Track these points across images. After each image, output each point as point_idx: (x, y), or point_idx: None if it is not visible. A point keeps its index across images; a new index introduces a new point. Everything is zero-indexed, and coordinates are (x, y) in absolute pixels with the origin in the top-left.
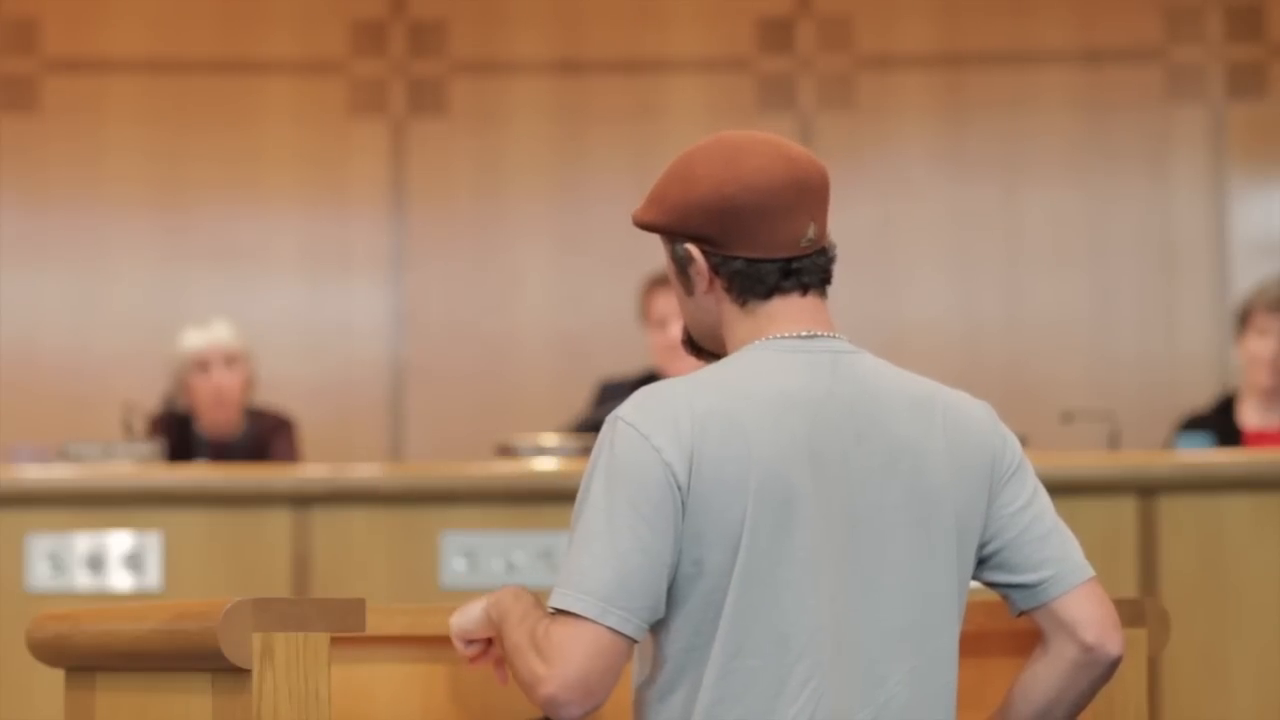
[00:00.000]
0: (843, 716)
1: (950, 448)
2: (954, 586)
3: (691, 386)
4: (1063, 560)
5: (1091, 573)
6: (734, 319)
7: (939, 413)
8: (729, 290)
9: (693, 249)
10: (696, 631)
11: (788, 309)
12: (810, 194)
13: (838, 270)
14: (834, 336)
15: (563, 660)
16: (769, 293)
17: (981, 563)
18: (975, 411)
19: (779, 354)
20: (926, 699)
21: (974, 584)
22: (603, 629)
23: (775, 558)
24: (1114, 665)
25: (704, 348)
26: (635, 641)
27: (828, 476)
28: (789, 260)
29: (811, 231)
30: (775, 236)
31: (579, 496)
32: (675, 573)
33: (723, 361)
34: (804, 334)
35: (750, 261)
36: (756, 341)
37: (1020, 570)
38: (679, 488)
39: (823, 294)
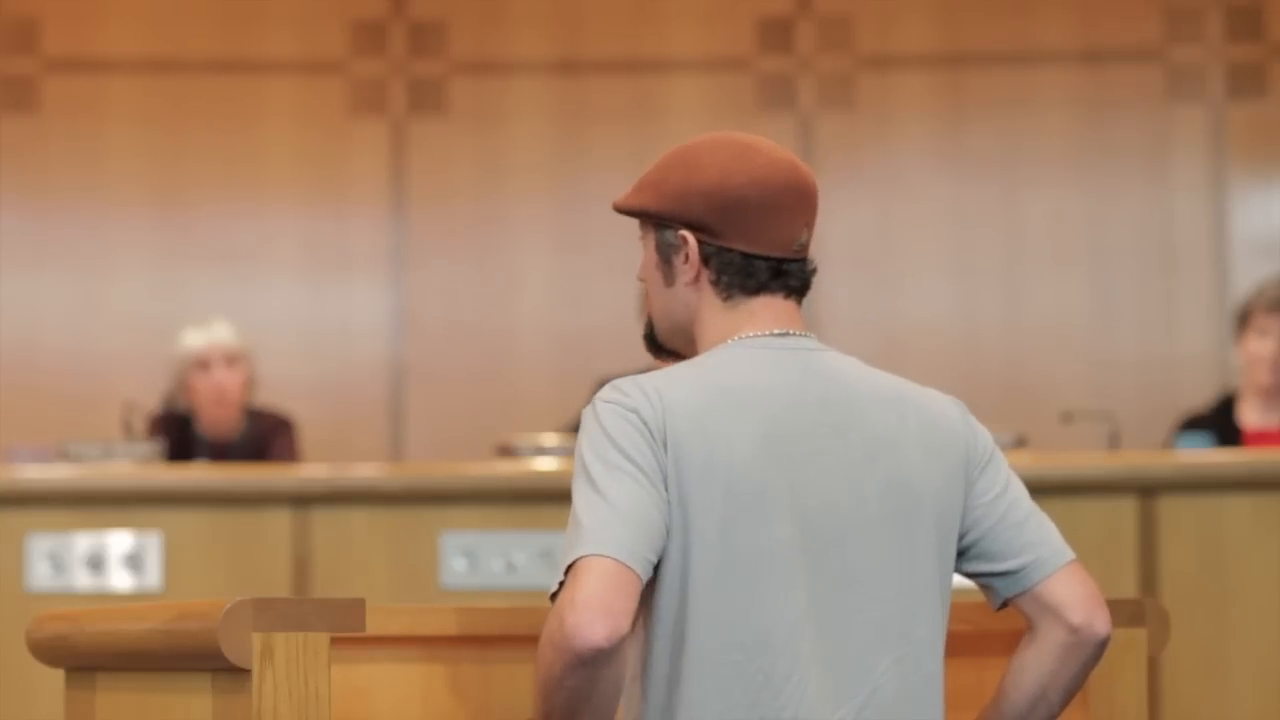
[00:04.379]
0: (829, 708)
1: (923, 442)
2: (935, 577)
3: (663, 379)
4: (1042, 544)
5: (1072, 555)
6: (711, 314)
7: (910, 408)
8: (715, 283)
9: (688, 236)
10: (677, 624)
11: (768, 308)
12: (807, 201)
13: (838, 270)
14: (804, 335)
15: (573, 589)
16: (757, 289)
17: (961, 554)
18: (945, 407)
19: (751, 350)
20: (913, 689)
21: (969, 584)
22: (607, 559)
23: (751, 552)
24: (1103, 645)
25: (666, 346)
26: (640, 578)
27: (803, 470)
28: (781, 261)
29: (804, 237)
30: (772, 235)
31: (574, 477)
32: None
33: (695, 358)
34: (776, 332)
35: (745, 256)
36: (729, 340)
37: (1001, 558)
38: (662, 458)
39: (800, 301)
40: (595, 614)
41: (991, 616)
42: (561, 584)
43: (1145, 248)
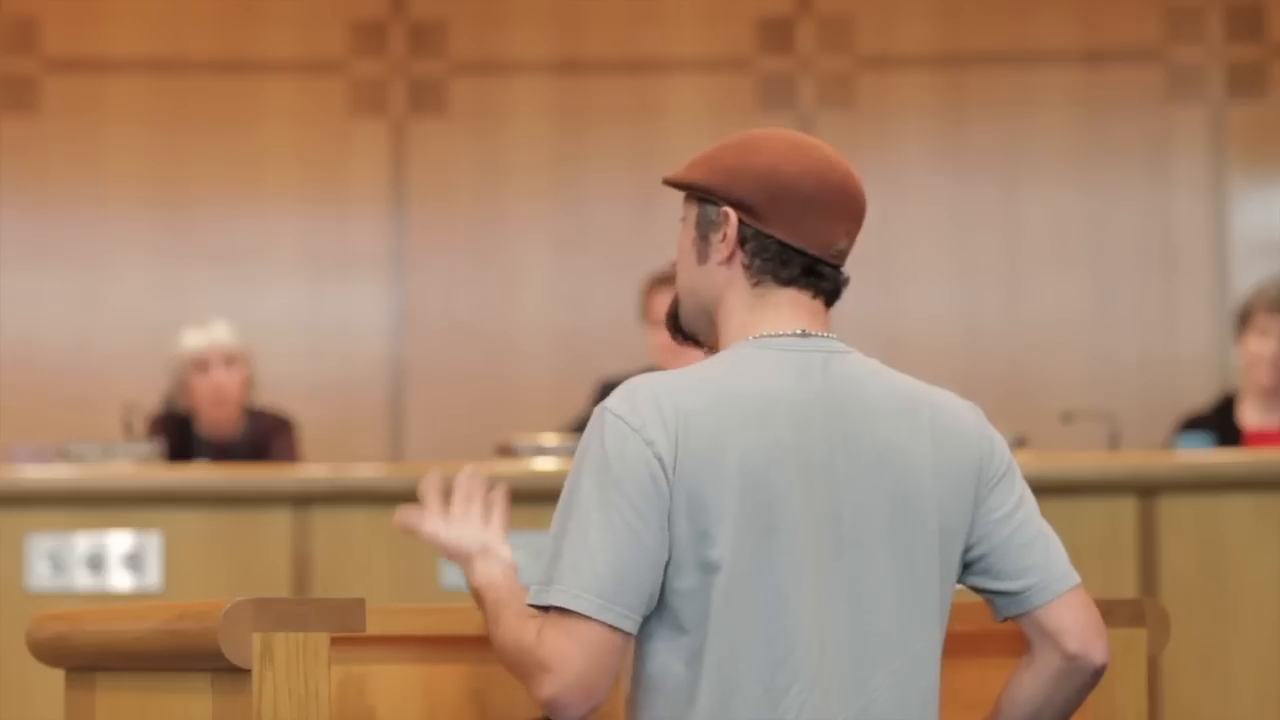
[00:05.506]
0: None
1: (936, 450)
2: (936, 589)
3: (678, 383)
4: (1046, 568)
5: (1076, 580)
6: (737, 299)
7: (926, 414)
8: (748, 266)
9: (730, 213)
10: (682, 632)
11: (794, 304)
12: (855, 211)
13: None
14: (827, 336)
15: (563, 661)
16: (787, 281)
17: (966, 567)
18: (963, 414)
19: (769, 352)
20: (907, 702)
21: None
22: (601, 626)
23: (760, 560)
24: (1098, 674)
25: (687, 331)
26: (633, 636)
27: (813, 478)
28: (816, 260)
29: (843, 245)
30: (815, 230)
31: (567, 489)
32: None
33: (711, 360)
34: (797, 332)
35: (782, 245)
36: (748, 339)
37: (1004, 577)
38: (669, 483)
39: (828, 305)
40: (579, 695)
41: (992, 618)
42: (540, 607)
43: (1145, 248)
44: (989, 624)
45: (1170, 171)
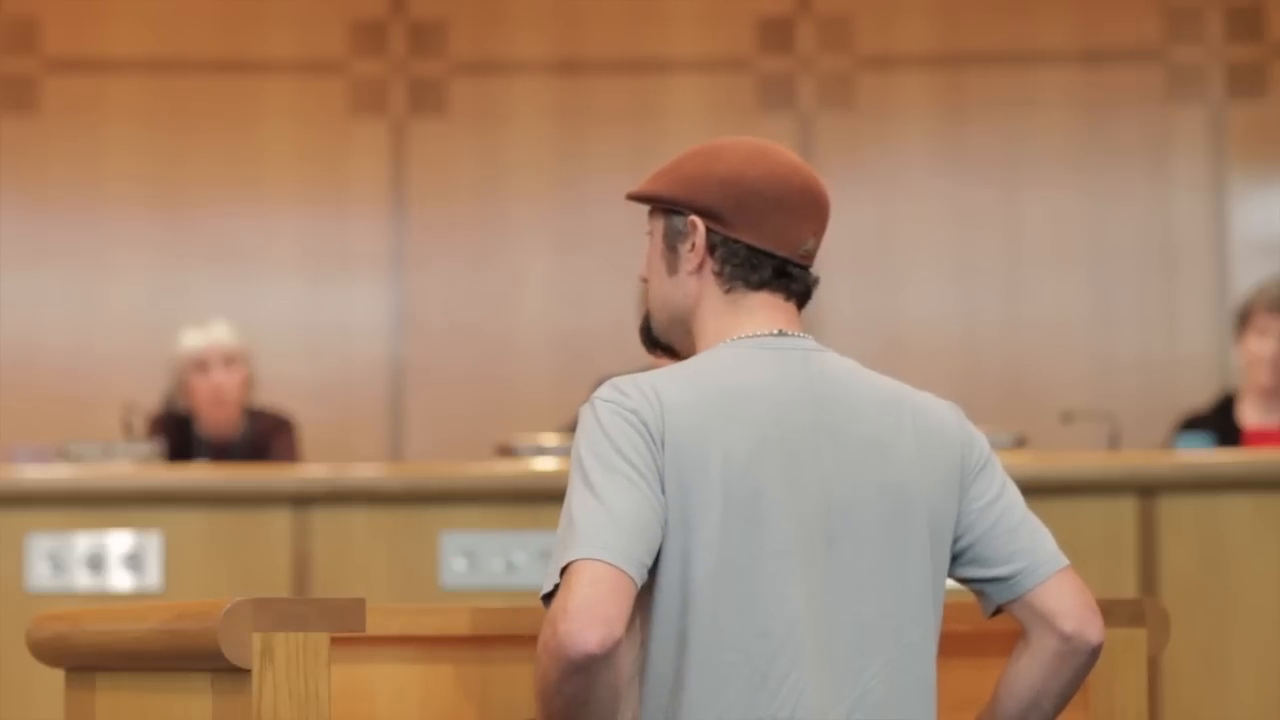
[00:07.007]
0: (823, 710)
1: (919, 445)
2: (928, 581)
3: (661, 380)
4: (1034, 551)
5: (1065, 562)
6: (711, 306)
7: (907, 411)
8: (719, 273)
9: (697, 221)
10: (678, 625)
11: (767, 307)
12: (819, 212)
13: (838, 270)
14: (802, 336)
15: (566, 596)
16: (759, 285)
17: (955, 559)
18: (942, 411)
19: (750, 350)
20: (903, 692)
21: (960, 586)
22: (601, 564)
23: (750, 551)
24: (1095, 653)
25: (661, 341)
26: (635, 582)
27: (800, 471)
28: (785, 261)
29: (811, 244)
30: (782, 232)
31: (570, 475)
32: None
33: (694, 358)
34: (775, 332)
35: (751, 249)
36: (727, 340)
37: (993, 564)
38: (658, 460)
39: (800, 306)
40: (588, 621)
41: (994, 617)
42: (556, 586)
43: (1145, 248)
44: (986, 624)
45: (1170, 171)
